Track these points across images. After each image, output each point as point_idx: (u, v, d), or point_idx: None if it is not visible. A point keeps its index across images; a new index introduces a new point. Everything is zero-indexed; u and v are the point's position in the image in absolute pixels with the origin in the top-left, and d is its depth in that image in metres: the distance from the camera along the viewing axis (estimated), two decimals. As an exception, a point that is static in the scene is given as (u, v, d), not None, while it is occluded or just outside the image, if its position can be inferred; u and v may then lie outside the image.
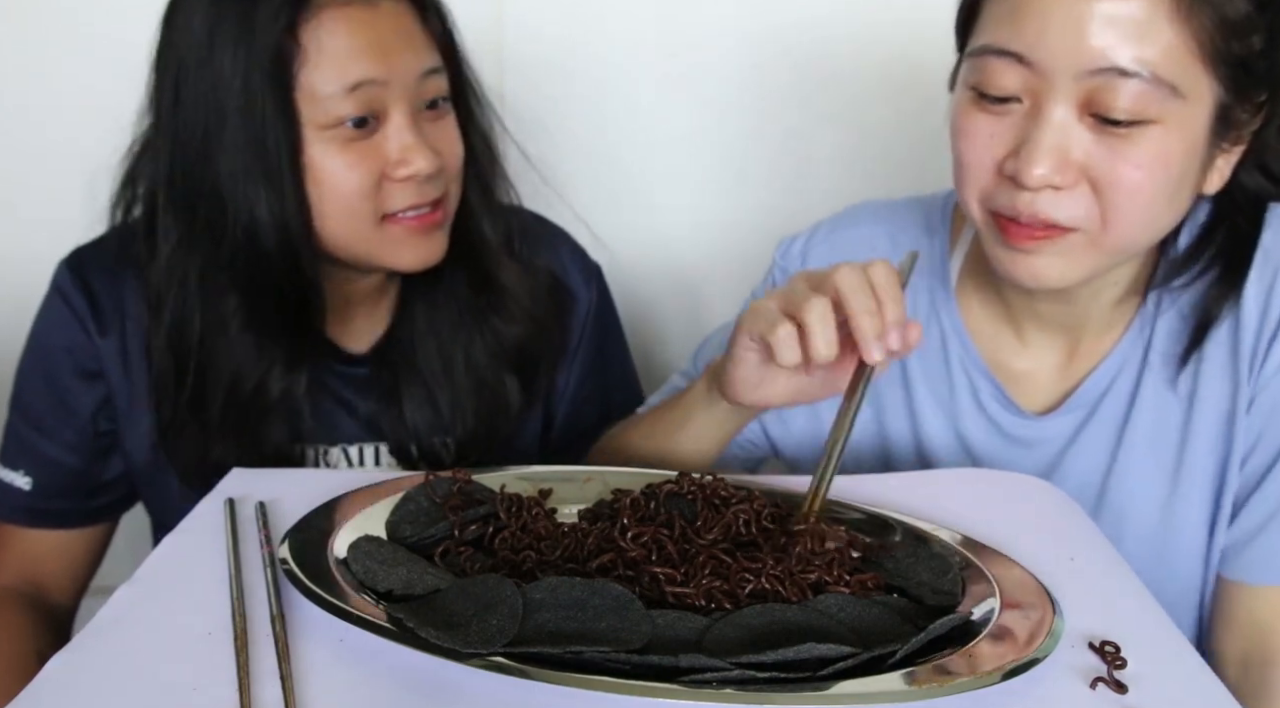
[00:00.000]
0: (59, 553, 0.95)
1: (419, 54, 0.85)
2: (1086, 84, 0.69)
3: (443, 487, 0.68)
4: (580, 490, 0.72)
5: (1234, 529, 0.81)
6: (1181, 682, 0.54)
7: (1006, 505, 0.73)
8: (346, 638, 0.53)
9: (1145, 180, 0.71)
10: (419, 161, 0.83)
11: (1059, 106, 0.71)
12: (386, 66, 0.82)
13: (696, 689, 0.48)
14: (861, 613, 0.56)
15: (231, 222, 0.82)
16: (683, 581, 0.58)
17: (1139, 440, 0.83)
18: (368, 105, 0.82)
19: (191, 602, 0.58)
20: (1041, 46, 0.70)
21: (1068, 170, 0.71)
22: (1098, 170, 0.71)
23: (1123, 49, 0.68)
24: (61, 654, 0.53)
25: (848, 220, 0.97)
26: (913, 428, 0.91)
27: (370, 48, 0.81)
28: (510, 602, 0.54)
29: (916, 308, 0.91)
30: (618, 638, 0.51)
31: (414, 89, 0.84)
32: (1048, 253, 0.75)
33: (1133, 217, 0.72)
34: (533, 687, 0.48)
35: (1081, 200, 0.72)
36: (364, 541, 0.61)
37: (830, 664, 0.50)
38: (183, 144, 0.83)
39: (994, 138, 0.74)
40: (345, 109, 0.81)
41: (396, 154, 0.83)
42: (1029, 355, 0.88)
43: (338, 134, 0.82)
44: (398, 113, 0.83)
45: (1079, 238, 0.74)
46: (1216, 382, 0.81)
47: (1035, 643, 0.53)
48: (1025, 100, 0.72)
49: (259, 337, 0.85)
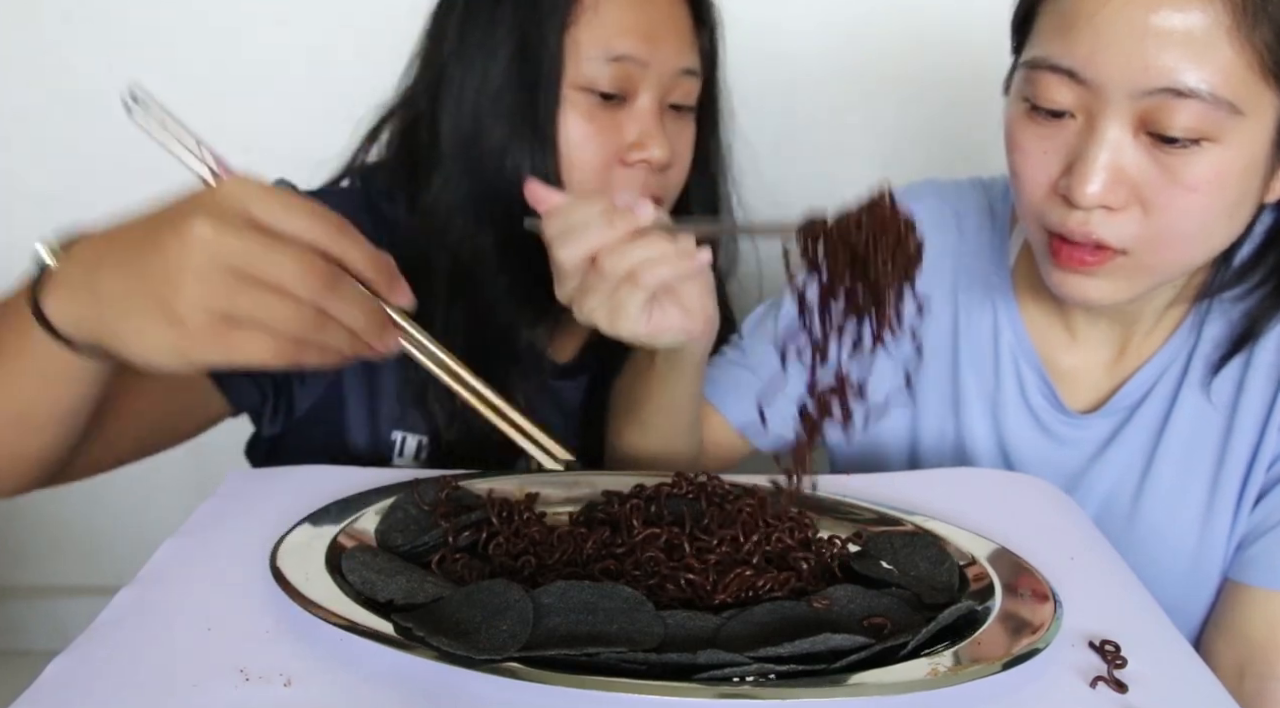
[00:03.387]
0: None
1: (683, 51, 0.85)
2: (1142, 103, 0.68)
3: (430, 493, 0.68)
4: (567, 493, 0.72)
5: (1245, 530, 0.81)
6: (1181, 682, 0.55)
7: (1006, 505, 0.73)
8: (349, 649, 0.53)
9: (1199, 202, 0.69)
10: (655, 149, 0.83)
11: (1113, 125, 0.69)
12: (651, 50, 0.82)
13: (715, 686, 0.48)
14: (871, 604, 0.57)
15: (488, 162, 0.82)
16: (714, 584, 0.58)
17: (1175, 447, 0.83)
18: (622, 81, 0.82)
19: (192, 602, 0.57)
20: (1095, 65, 0.68)
21: (1120, 190, 0.70)
22: (1149, 190, 0.70)
23: (1181, 68, 0.66)
24: (62, 656, 0.52)
25: (913, 195, 0.94)
26: (955, 415, 0.90)
27: (642, 27, 0.82)
28: (519, 607, 0.53)
29: (973, 291, 0.90)
30: (631, 639, 0.51)
31: (668, 81, 0.84)
32: (1097, 275, 0.74)
33: (1184, 239, 0.71)
34: (550, 691, 0.48)
35: (1132, 222, 0.71)
36: (358, 550, 0.61)
37: (846, 655, 0.50)
38: (459, 86, 0.83)
39: (1047, 155, 0.73)
40: (601, 76, 0.81)
41: (635, 136, 0.83)
42: (1078, 352, 0.87)
43: (587, 99, 0.82)
44: (647, 96, 0.83)
45: (1127, 261, 0.73)
46: (1259, 391, 0.80)
47: (1037, 634, 0.54)
48: (1079, 116, 0.71)
49: (511, 280, 0.84)
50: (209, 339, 0.52)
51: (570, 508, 0.69)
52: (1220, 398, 0.81)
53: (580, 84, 0.82)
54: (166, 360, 0.54)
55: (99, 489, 1.71)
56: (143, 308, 0.53)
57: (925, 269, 0.89)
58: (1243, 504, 0.81)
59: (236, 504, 0.69)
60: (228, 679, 0.50)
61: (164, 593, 0.58)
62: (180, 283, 0.52)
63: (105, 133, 1.47)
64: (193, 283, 0.52)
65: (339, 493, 0.68)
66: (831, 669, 0.50)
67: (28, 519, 1.69)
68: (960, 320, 0.91)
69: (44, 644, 0.88)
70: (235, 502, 0.70)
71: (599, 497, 0.69)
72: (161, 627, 0.55)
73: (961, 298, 0.91)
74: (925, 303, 0.65)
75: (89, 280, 0.56)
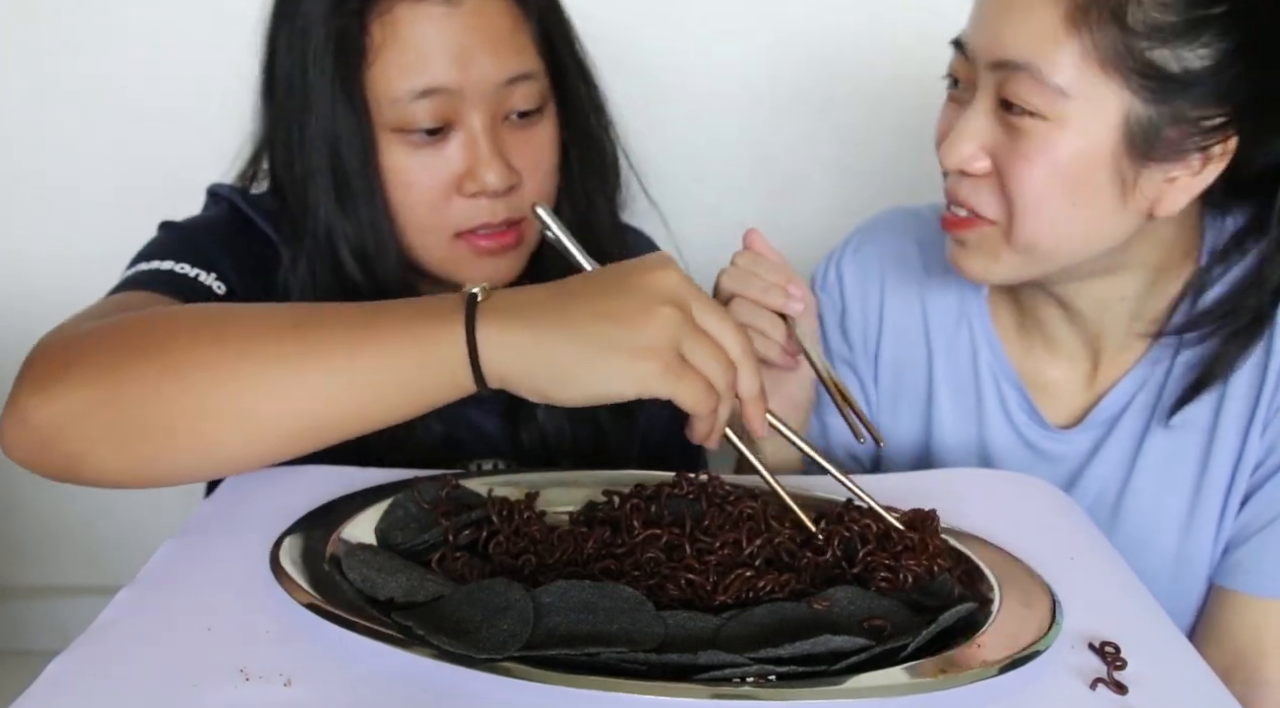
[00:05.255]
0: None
1: (503, 59, 0.78)
2: (996, 75, 0.73)
3: (430, 492, 0.67)
4: (567, 493, 0.71)
5: (1231, 533, 0.81)
6: (1181, 682, 0.54)
7: (1006, 505, 0.73)
8: (349, 649, 0.52)
9: (1033, 175, 0.73)
10: (488, 176, 0.78)
11: (981, 96, 0.75)
12: (461, 73, 0.76)
13: (715, 687, 0.48)
14: (871, 605, 0.57)
15: (313, 224, 0.79)
16: (714, 585, 0.57)
17: (1155, 457, 0.84)
18: (439, 113, 0.77)
19: (192, 603, 0.57)
20: (970, 37, 0.75)
21: (980, 158, 0.75)
22: (1000, 160, 0.74)
23: (1021, 44, 0.71)
24: (62, 655, 0.52)
25: (870, 235, 0.97)
26: (926, 436, 0.91)
27: (445, 51, 0.76)
28: (520, 606, 0.53)
29: (945, 313, 0.92)
30: (631, 639, 0.51)
31: (493, 98, 0.78)
32: (970, 245, 0.78)
33: (1028, 211, 0.74)
34: (549, 691, 0.48)
35: (991, 191, 0.75)
36: (359, 549, 0.61)
37: (846, 657, 0.50)
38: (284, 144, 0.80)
39: (948, 124, 0.78)
40: (415, 114, 0.76)
41: (463, 166, 0.78)
42: (1058, 366, 0.88)
43: (409, 140, 0.77)
44: (472, 122, 0.78)
45: (992, 231, 0.77)
46: (1240, 397, 0.81)
47: (1037, 636, 0.54)
48: (968, 91, 0.77)
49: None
50: (669, 373, 0.58)
51: (570, 508, 0.69)
52: (1200, 410, 0.82)
53: (395, 127, 0.77)
54: (625, 388, 0.59)
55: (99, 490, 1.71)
56: (616, 343, 0.58)
57: (894, 305, 0.93)
58: (1228, 509, 0.82)
59: (236, 504, 0.69)
60: (228, 679, 0.50)
61: (164, 593, 0.58)
62: (657, 317, 0.58)
63: (105, 133, 1.48)
64: (668, 317, 0.58)
65: (339, 493, 0.68)
66: (831, 671, 0.50)
67: (28, 519, 1.69)
68: (934, 343, 0.92)
69: (44, 644, 0.88)
70: (235, 502, 0.70)
71: (599, 496, 0.69)
72: (161, 627, 0.55)
73: (933, 324, 0.93)
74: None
75: (547, 321, 0.59)
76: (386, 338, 0.60)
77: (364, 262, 0.80)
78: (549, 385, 0.59)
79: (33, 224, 1.50)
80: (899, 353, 0.94)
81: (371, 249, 0.80)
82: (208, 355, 0.60)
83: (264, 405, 0.60)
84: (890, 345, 0.94)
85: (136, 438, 0.60)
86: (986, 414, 0.89)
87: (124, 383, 0.60)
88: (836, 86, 1.43)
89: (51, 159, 1.48)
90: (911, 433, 0.93)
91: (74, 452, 0.61)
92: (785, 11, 1.40)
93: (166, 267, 0.78)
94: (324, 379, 0.60)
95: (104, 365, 0.61)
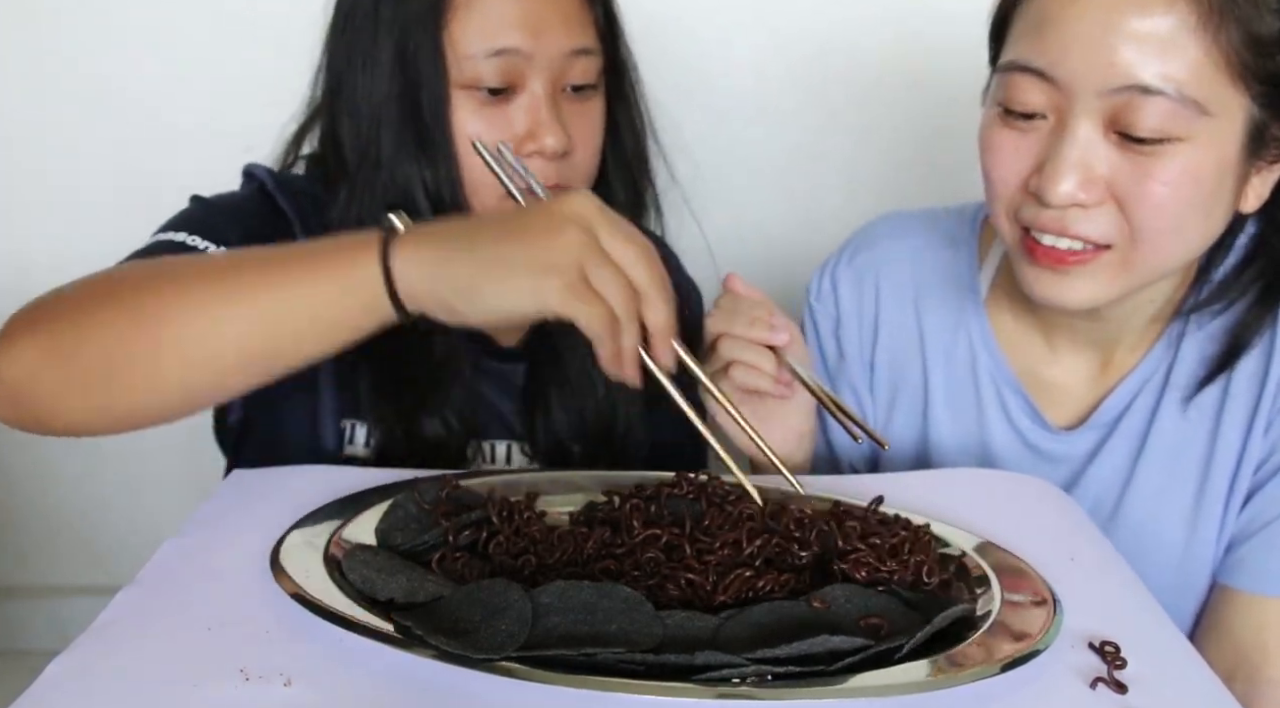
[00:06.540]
0: None
1: (571, 32, 0.83)
2: (1110, 101, 0.69)
3: (430, 492, 0.67)
4: (567, 494, 0.72)
5: (1234, 532, 0.81)
6: (1181, 682, 0.55)
7: (1006, 505, 0.73)
8: (349, 649, 0.52)
9: (1172, 197, 0.70)
10: (548, 138, 0.81)
11: (1083, 123, 0.70)
12: (533, 38, 0.80)
13: (713, 687, 0.48)
14: (868, 604, 0.57)
15: (385, 175, 0.82)
16: (714, 585, 0.57)
17: (1159, 456, 0.83)
18: (507, 75, 0.81)
19: (192, 602, 0.57)
20: (1064, 63, 0.70)
21: (1093, 188, 0.71)
22: (1123, 187, 0.70)
23: (1147, 66, 0.67)
24: (62, 655, 0.52)
25: (863, 243, 0.96)
26: (923, 442, 0.91)
27: (521, 16, 0.80)
28: (519, 606, 0.53)
29: (942, 320, 0.91)
30: (630, 640, 0.51)
31: (559, 67, 0.82)
32: (1077, 275, 0.74)
33: (1162, 234, 0.72)
34: (548, 691, 0.48)
35: (1108, 218, 0.72)
36: (359, 549, 0.61)
37: (844, 657, 0.50)
38: (351, 99, 0.83)
39: (1019, 152, 0.74)
40: (484, 72, 0.80)
41: (524, 128, 0.82)
42: (1061, 367, 0.88)
43: (475, 97, 0.81)
44: (536, 85, 0.81)
45: (1111, 257, 0.73)
46: (1243, 395, 0.80)
47: (1037, 636, 0.54)
48: (1050, 117, 0.72)
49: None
50: (568, 292, 0.59)
51: (571, 508, 0.69)
52: (1204, 406, 0.82)
53: (464, 83, 0.81)
54: (525, 305, 0.60)
55: (100, 489, 1.72)
56: (517, 260, 0.60)
57: (889, 312, 0.93)
58: (1230, 508, 0.82)
59: (236, 504, 0.69)
60: (228, 679, 0.50)
61: (164, 593, 0.58)
62: (560, 238, 0.59)
63: (105, 133, 1.48)
64: (571, 238, 0.59)
65: (339, 493, 0.68)
66: (829, 671, 0.50)
67: (28, 519, 1.69)
68: (930, 350, 0.92)
69: (44, 644, 0.88)
70: (235, 502, 0.70)
71: (599, 496, 0.69)
72: (161, 627, 0.55)
73: (929, 331, 0.92)
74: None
75: (457, 243, 0.62)
76: (312, 268, 0.64)
77: (440, 211, 0.83)
78: (455, 302, 0.61)
79: (33, 224, 1.50)
80: (894, 361, 0.93)
81: (448, 198, 0.83)
82: (162, 297, 0.64)
83: (208, 338, 0.63)
84: (886, 353, 0.93)
85: (100, 382, 0.64)
86: (987, 419, 0.89)
87: (87, 329, 0.64)
88: (870, 87, 1.42)
89: (51, 159, 1.48)
90: (909, 440, 0.93)
91: (44, 402, 0.65)
92: (822, 11, 1.40)
93: (180, 238, 0.81)
94: (255, 311, 0.63)
95: (69, 318, 0.65)
